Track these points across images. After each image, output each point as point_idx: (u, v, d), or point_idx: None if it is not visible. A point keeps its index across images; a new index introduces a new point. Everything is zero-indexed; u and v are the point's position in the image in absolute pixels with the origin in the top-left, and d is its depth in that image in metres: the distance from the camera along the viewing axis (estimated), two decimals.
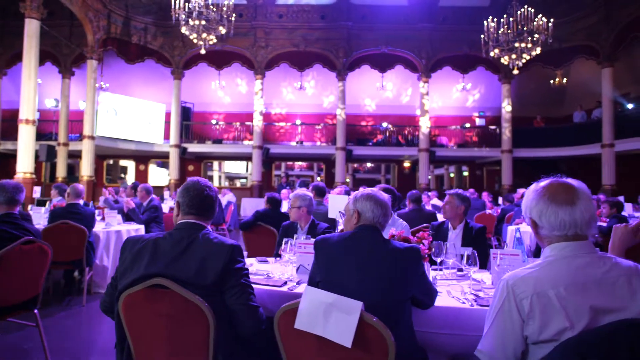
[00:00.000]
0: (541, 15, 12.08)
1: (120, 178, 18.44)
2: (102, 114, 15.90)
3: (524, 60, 12.49)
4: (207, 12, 12.04)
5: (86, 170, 14.15)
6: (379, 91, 18.60)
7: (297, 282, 2.61)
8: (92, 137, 14.30)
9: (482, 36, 12.69)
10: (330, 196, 3.70)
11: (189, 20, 11.85)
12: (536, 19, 12.00)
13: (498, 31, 12.43)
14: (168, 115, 17.09)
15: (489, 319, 1.53)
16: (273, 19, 16.76)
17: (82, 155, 14.39)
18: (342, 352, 1.59)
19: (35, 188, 8.47)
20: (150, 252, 1.93)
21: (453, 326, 2.16)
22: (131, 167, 20.05)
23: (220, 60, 16.72)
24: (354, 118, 19.19)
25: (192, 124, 18.54)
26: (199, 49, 12.74)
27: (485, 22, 12.61)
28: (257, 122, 16.77)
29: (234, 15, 12.48)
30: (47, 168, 17.51)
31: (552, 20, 12.23)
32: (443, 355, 2.24)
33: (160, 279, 1.82)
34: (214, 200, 2.12)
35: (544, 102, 18.42)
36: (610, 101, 14.40)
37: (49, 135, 16.40)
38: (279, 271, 2.90)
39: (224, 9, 12.05)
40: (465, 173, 20.75)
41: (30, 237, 3.06)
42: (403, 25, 16.62)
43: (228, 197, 12.07)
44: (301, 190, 3.96)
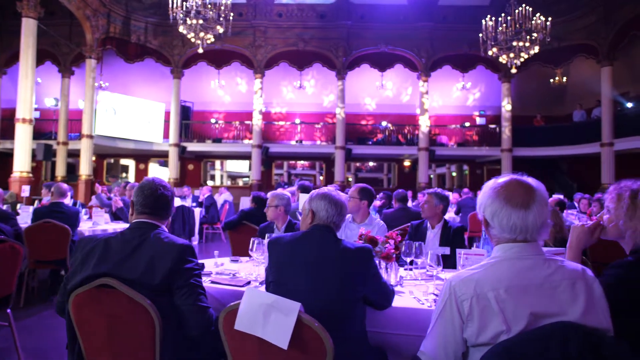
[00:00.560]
0: (539, 14, 11.99)
1: (113, 177, 18.44)
2: (101, 113, 15.94)
3: (522, 59, 12.40)
4: (205, 11, 12.05)
5: (85, 169, 14.19)
6: (378, 90, 18.52)
7: (260, 282, 2.59)
8: (90, 136, 14.33)
9: (481, 35, 12.61)
10: (301, 195, 3.68)
11: (186, 19, 11.85)
12: (534, 18, 11.91)
13: (496, 30, 12.34)
14: (168, 115, 17.09)
15: (432, 320, 1.52)
16: (272, 18, 16.73)
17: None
18: (281, 353, 1.57)
19: (24, 187, 8.47)
20: (100, 251, 1.92)
21: (411, 327, 2.13)
22: (132, 166, 20.10)
23: (220, 59, 16.71)
24: (354, 117, 19.13)
25: (191, 123, 18.53)
26: (197, 48, 12.74)
27: (483, 21, 12.53)
28: (257, 121, 16.76)
29: (232, 14, 12.46)
30: (48, 167, 17.62)
31: (550, 19, 12.14)
32: (403, 356, 2.21)
33: (107, 278, 1.81)
34: (169, 200, 2.10)
35: (543, 101, 18.30)
36: (609, 100, 14.28)
37: (49, 134, 16.47)
38: (248, 271, 2.88)
39: (221, 8, 12.05)
40: (466, 172, 20.65)
41: (1, 237, 3.06)
42: (403, 24, 16.54)
43: (224, 196, 12.05)
44: (280, 190, 3.95)
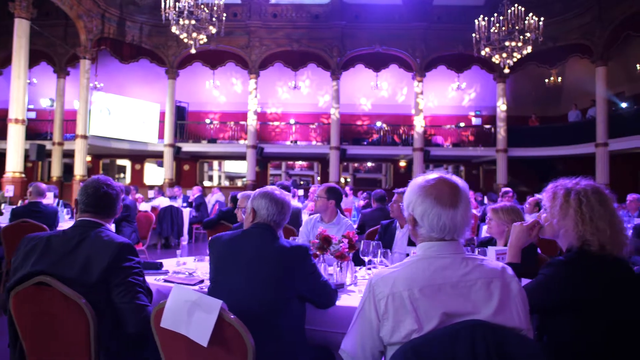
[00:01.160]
0: (532, 14, 11.97)
1: None
2: (96, 114, 15.95)
3: (515, 59, 12.38)
4: (197, 11, 12.04)
5: (79, 169, 14.21)
6: (373, 90, 18.49)
7: None
8: (84, 137, 14.35)
9: (474, 35, 12.60)
10: None
11: (179, 19, 11.85)
12: (527, 18, 11.89)
13: (489, 30, 12.33)
14: (163, 115, 17.10)
15: (353, 317, 1.52)
16: (267, 19, 16.73)
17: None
18: (206, 351, 1.58)
19: (8, 187, 8.48)
20: (41, 249, 1.93)
21: None
22: (128, 167, 20.12)
23: (215, 59, 16.72)
24: (349, 117, 19.13)
25: (186, 123, 18.54)
26: (190, 49, 12.74)
27: (476, 21, 12.52)
28: (251, 122, 16.76)
29: (224, 15, 12.46)
30: (45, 167, 17.67)
31: (542, 19, 12.11)
32: None
33: (43, 276, 1.82)
34: (113, 198, 2.11)
35: (539, 101, 18.27)
36: (604, 100, 14.22)
37: (45, 135, 16.51)
38: (206, 270, 2.87)
39: (214, 8, 12.05)
40: (462, 172, 20.62)
41: None
42: (397, 25, 16.53)
43: (216, 196, 12.06)
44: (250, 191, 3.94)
